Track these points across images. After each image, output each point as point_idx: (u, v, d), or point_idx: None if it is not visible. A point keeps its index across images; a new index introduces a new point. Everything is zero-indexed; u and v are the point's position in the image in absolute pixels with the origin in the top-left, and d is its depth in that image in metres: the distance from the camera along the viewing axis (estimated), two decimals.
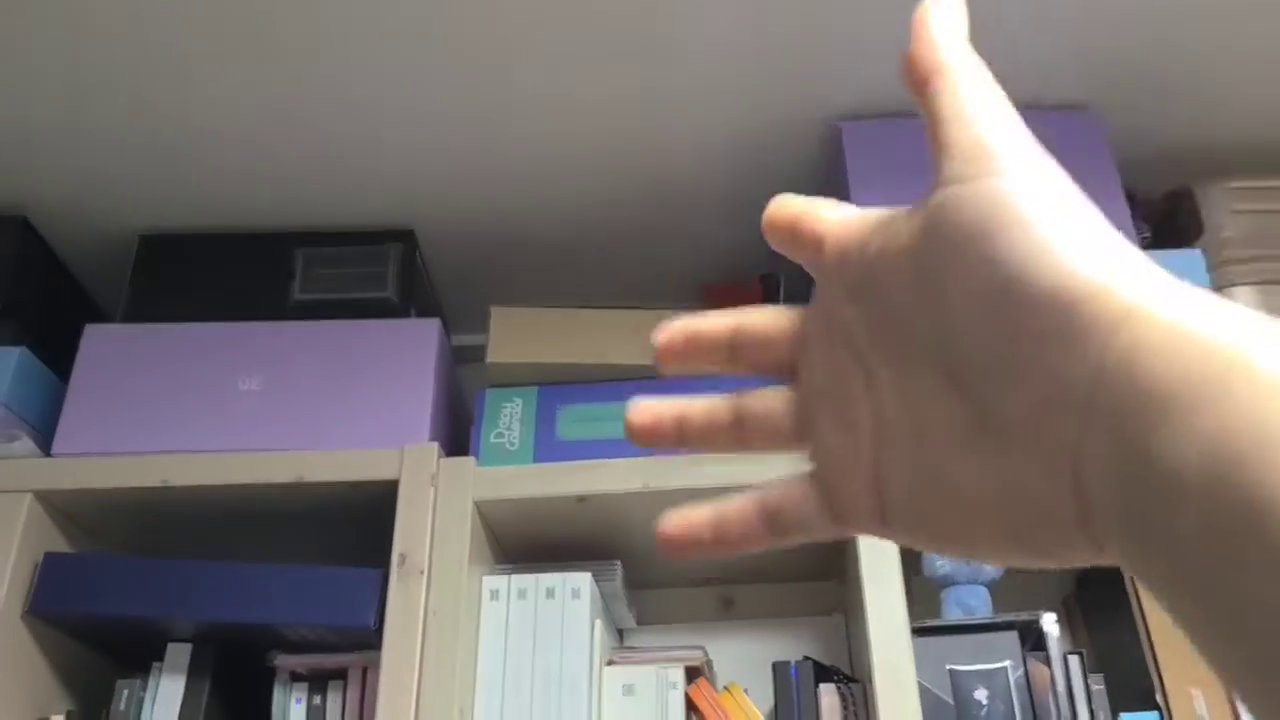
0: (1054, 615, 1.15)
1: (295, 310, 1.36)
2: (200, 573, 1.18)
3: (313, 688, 1.18)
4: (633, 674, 1.17)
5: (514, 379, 1.30)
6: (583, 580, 1.19)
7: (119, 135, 1.30)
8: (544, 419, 1.27)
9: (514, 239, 1.47)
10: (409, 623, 1.12)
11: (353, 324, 1.32)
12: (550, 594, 1.18)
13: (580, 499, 1.21)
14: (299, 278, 1.39)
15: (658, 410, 0.35)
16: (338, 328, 1.32)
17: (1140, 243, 1.21)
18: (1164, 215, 1.37)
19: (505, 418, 1.28)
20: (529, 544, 1.27)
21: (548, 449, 1.25)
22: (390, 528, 1.17)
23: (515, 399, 1.29)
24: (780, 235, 0.34)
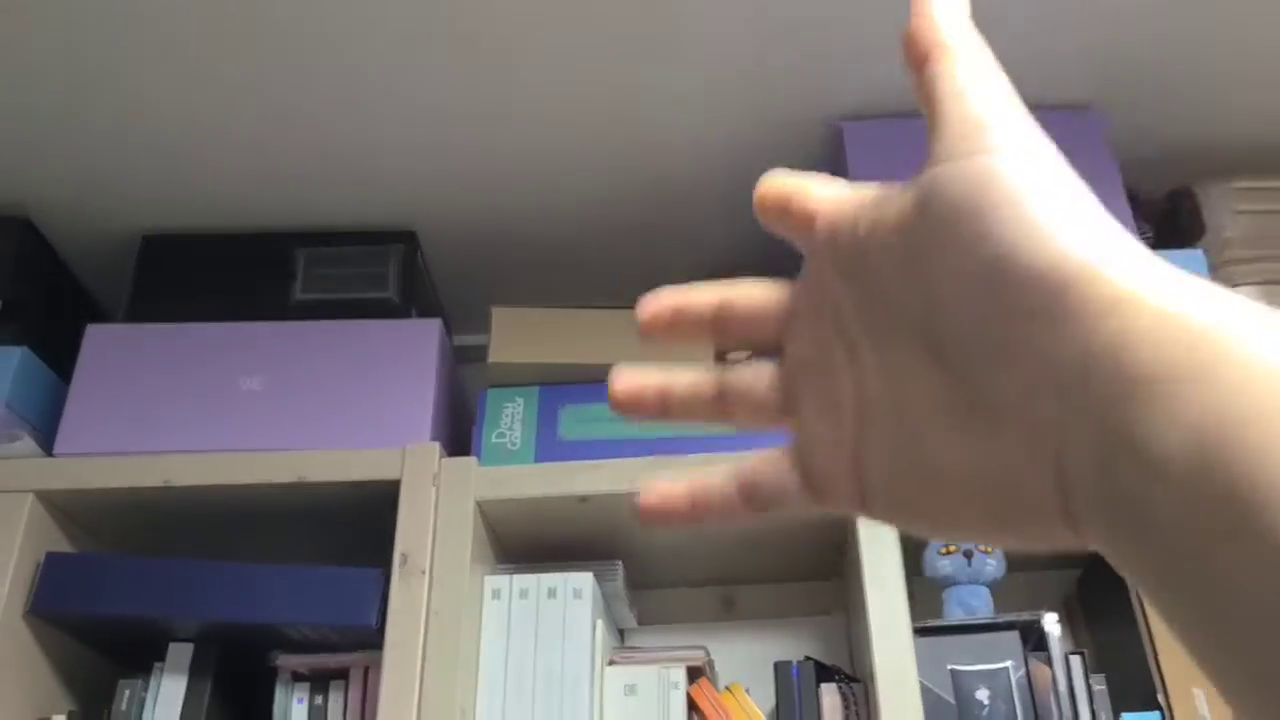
0: (1055, 615, 1.15)
1: (297, 310, 1.36)
2: (202, 572, 1.18)
3: (314, 688, 1.18)
4: (635, 674, 1.17)
5: (515, 379, 1.30)
6: (584, 580, 1.19)
7: (120, 135, 1.30)
8: (546, 419, 1.27)
9: (515, 239, 1.47)
10: (411, 623, 1.12)
11: (354, 324, 1.32)
12: (552, 594, 1.18)
13: (582, 499, 1.21)
14: (300, 278, 1.39)
15: (641, 379, 0.35)
16: (339, 328, 1.32)
17: (1143, 243, 1.21)
18: (1166, 215, 1.37)
19: (507, 418, 1.28)
20: (530, 544, 1.27)
21: (549, 449, 1.25)
22: (392, 528, 1.17)
23: (517, 399, 1.29)
24: (771, 212, 0.33)
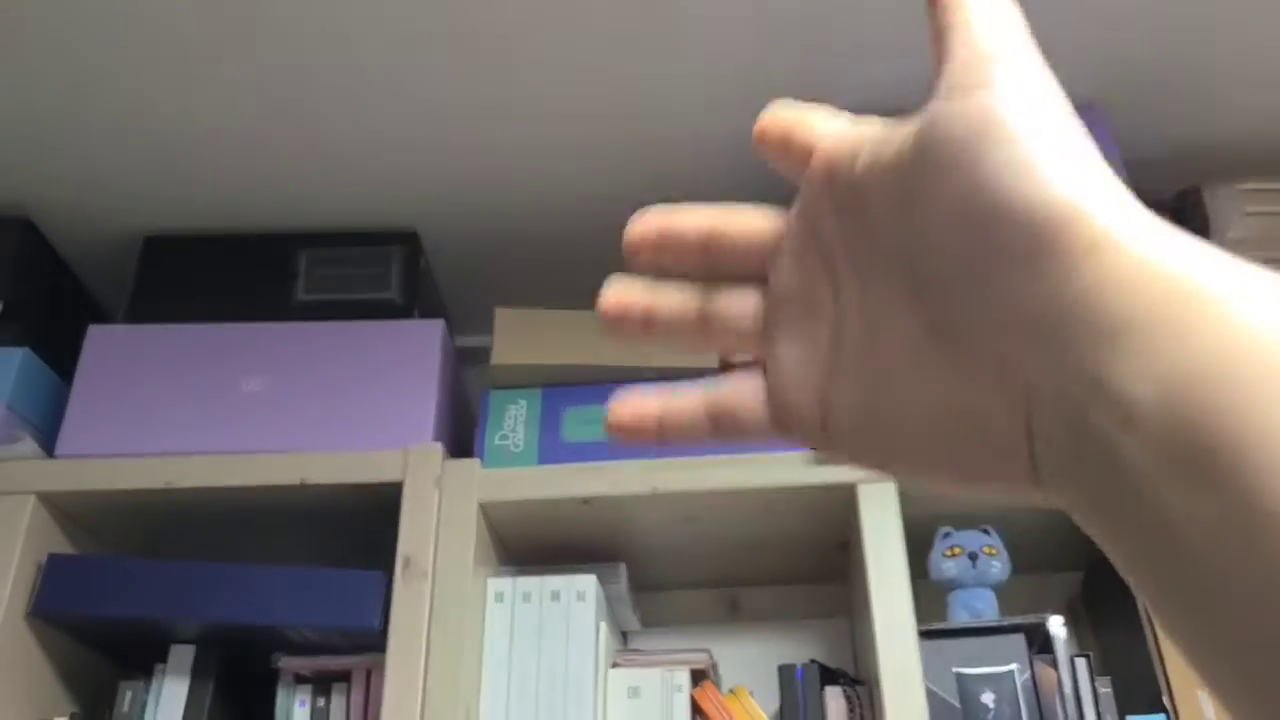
0: (1061, 618, 1.15)
1: (299, 311, 1.36)
2: (204, 574, 1.18)
3: (317, 690, 1.18)
4: (638, 676, 1.17)
5: (518, 380, 1.30)
6: (588, 583, 1.19)
7: (122, 136, 1.30)
8: (548, 421, 1.27)
9: (517, 238, 1.46)
10: (413, 625, 1.12)
11: (356, 325, 1.32)
12: (555, 596, 1.18)
13: (585, 501, 1.20)
14: (302, 279, 1.38)
15: (629, 299, 0.34)
16: (341, 329, 1.32)
17: None
18: (1172, 216, 1.36)
19: (510, 419, 1.28)
20: (533, 546, 1.27)
21: (552, 451, 1.24)
22: (394, 529, 1.16)
23: (520, 400, 1.29)
24: (773, 144, 0.33)
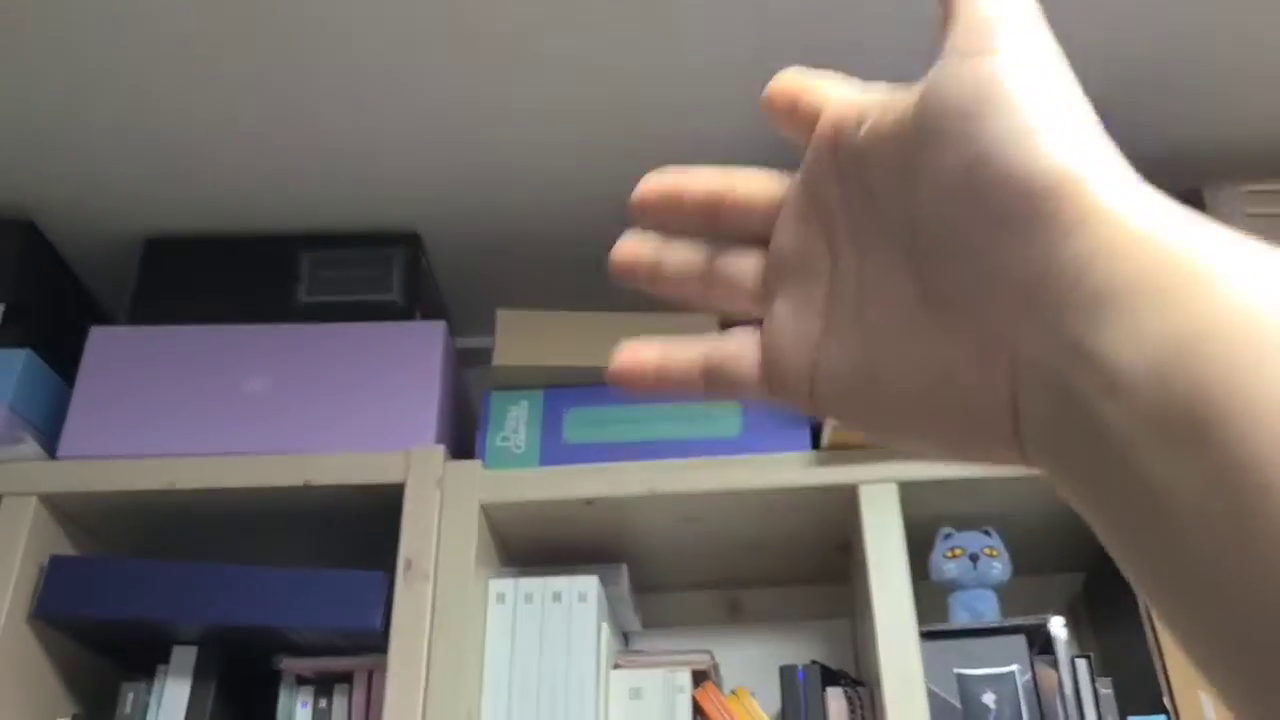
0: (1061, 619, 1.15)
1: (300, 313, 1.36)
2: (206, 576, 1.18)
3: (318, 691, 1.18)
4: (640, 678, 1.17)
5: (520, 382, 1.30)
6: (589, 584, 1.19)
7: (123, 137, 1.30)
8: (550, 422, 1.27)
9: (518, 239, 1.46)
10: (415, 626, 1.12)
11: (358, 327, 1.32)
12: (557, 598, 1.18)
13: (587, 502, 1.20)
14: (304, 280, 1.39)
15: (639, 252, 0.35)
16: (343, 330, 1.32)
17: None
18: None
19: (511, 421, 1.28)
20: (535, 547, 1.27)
21: (554, 452, 1.25)
22: (396, 531, 1.17)
23: (521, 402, 1.29)
24: (781, 108, 0.34)
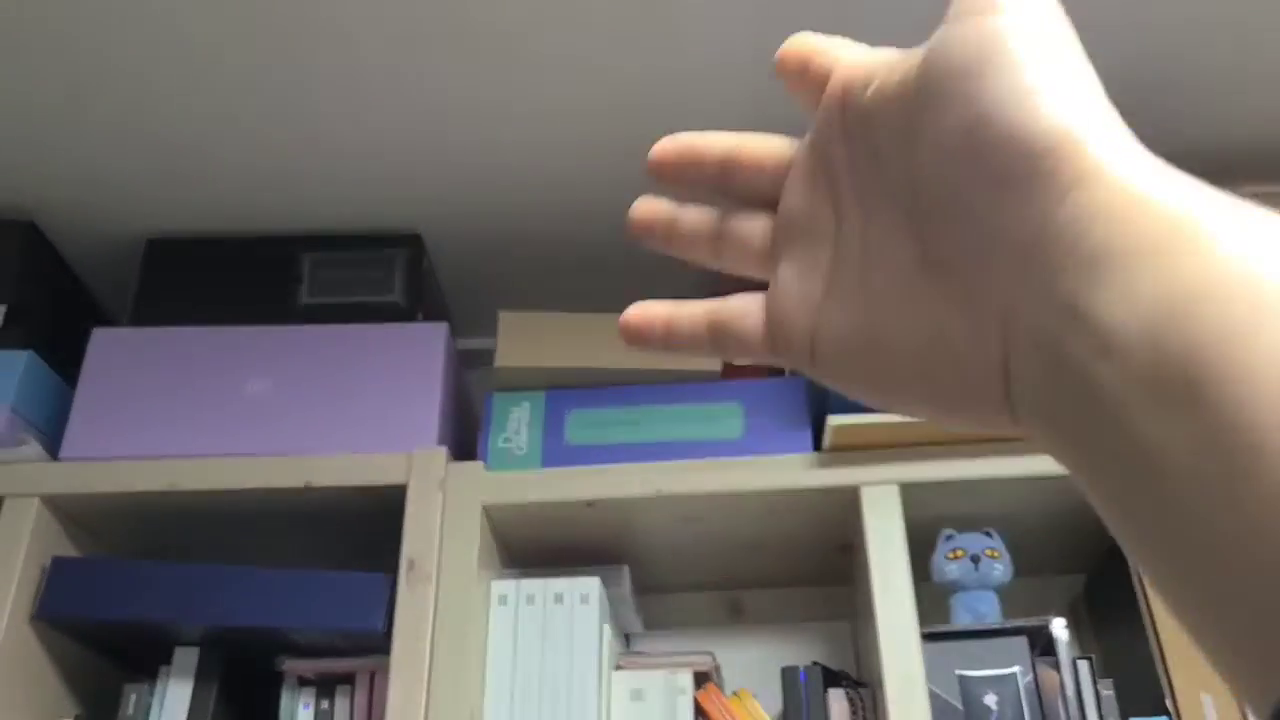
0: (1063, 620, 1.15)
1: (302, 314, 1.36)
2: (208, 576, 1.18)
3: (320, 692, 1.18)
4: (641, 679, 1.17)
5: (522, 383, 1.30)
6: (591, 585, 1.19)
7: (124, 140, 1.30)
8: (552, 423, 1.27)
9: (520, 240, 1.47)
10: (417, 627, 1.12)
11: (360, 328, 1.32)
12: (559, 599, 1.18)
13: (589, 504, 1.21)
14: (306, 282, 1.39)
15: (656, 208, 0.36)
16: (345, 332, 1.32)
17: None
18: None
19: (513, 422, 1.28)
20: (537, 549, 1.27)
21: (556, 454, 1.25)
22: (397, 532, 1.17)
23: (523, 403, 1.29)
24: (792, 70, 0.34)
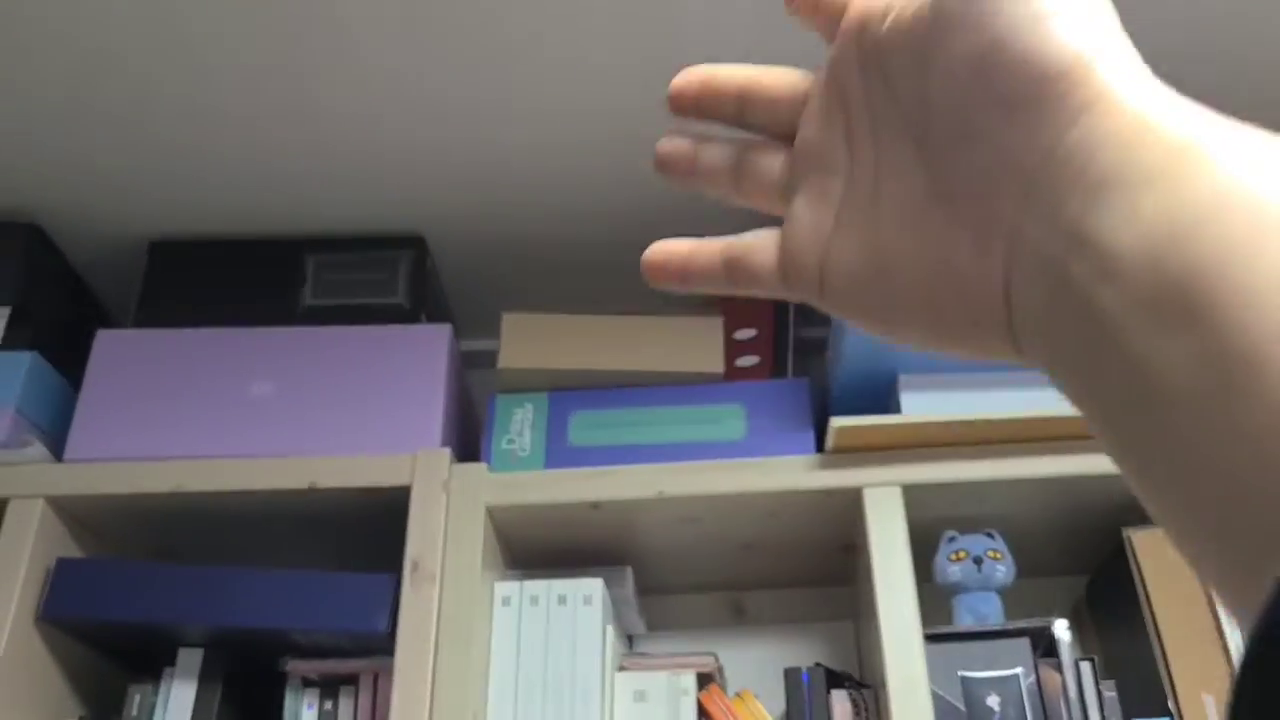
0: (1066, 622, 1.15)
1: (306, 316, 1.36)
2: (212, 578, 1.18)
3: (324, 693, 1.19)
4: (645, 680, 1.17)
5: (525, 385, 1.30)
6: (594, 586, 1.19)
7: (128, 142, 1.30)
8: (555, 425, 1.27)
9: (523, 241, 1.47)
10: (421, 628, 1.12)
11: (364, 330, 1.33)
12: (562, 600, 1.18)
13: (592, 505, 1.21)
14: (310, 283, 1.39)
15: (679, 144, 0.36)
16: (349, 333, 1.32)
17: None
18: None
19: (517, 424, 1.28)
20: (540, 550, 1.27)
21: (559, 455, 1.25)
22: (402, 533, 1.17)
23: (527, 405, 1.29)
24: (806, 2, 0.34)
